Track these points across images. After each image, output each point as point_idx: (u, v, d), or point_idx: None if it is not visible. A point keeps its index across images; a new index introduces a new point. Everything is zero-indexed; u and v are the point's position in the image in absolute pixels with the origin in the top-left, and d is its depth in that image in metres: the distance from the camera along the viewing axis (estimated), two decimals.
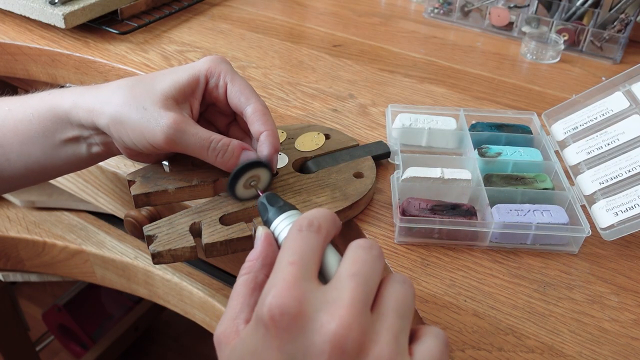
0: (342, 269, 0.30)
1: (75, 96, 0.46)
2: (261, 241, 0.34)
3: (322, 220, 0.32)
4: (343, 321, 0.27)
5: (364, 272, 0.29)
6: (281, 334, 0.28)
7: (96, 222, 0.83)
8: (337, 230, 0.33)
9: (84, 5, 0.70)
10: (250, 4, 0.87)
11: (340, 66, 0.72)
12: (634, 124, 0.51)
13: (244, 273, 0.33)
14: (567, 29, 0.78)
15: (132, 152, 0.46)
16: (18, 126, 0.47)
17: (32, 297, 1.52)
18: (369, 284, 0.29)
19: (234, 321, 0.31)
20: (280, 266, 0.30)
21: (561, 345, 0.40)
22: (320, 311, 0.28)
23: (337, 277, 0.30)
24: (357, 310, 0.28)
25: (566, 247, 0.47)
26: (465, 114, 0.59)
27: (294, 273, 0.29)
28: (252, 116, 0.45)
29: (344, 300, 0.28)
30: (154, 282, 0.76)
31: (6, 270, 0.92)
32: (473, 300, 0.43)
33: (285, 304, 0.28)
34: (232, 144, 0.44)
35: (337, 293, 0.28)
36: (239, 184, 0.42)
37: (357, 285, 0.29)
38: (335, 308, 0.28)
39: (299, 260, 0.30)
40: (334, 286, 0.29)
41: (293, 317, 0.27)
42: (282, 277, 0.29)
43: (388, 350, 0.28)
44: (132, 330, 1.27)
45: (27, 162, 0.48)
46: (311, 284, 0.29)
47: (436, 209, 0.47)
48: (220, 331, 0.31)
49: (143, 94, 0.44)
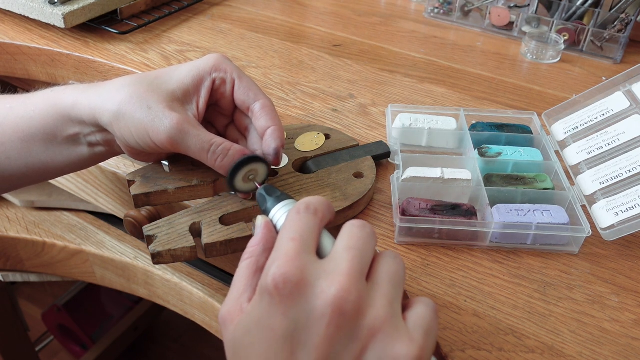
0: (339, 243, 0.32)
1: (77, 93, 0.46)
2: (262, 228, 0.36)
3: (318, 205, 0.34)
4: (342, 286, 0.29)
5: (360, 246, 0.32)
6: (285, 300, 0.30)
7: (96, 222, 0.83)
8: (332, 215, 0.35)
9: (83, 5, 0.70)
10: (250, 3, 0.87)
11: (340, 66, 0.72)
12: (635, 124, 0.51)
13: (246, 257, 0.35)
14: (567, 29, 0.78)
15: (133, 150, 0.46)
16: (19, 123, 0.47)
17: (31, 297, 1.52)
18: (364, 257, 0.32)
19: (238, 300, 0.33)
20: (282, 242, 0.32)
21: (561, 346, 0.40)
22: (321, 279, 0.30)
23: (334, 251, 0.32)
24: (355, 278, 0.30)
25: (566, 247, 0.47)
26: (466, 114, 0.59)
27: (295, 247, 0.31)
28: (259, 112, 0.46)
29: (342, 269, 0.30)
30: (154, 282, 0.76)
31: (6, 270, 0.92)
32: (473, 300, 0.42)
33: (288, 272, 0.30)
34: (233, 149, 0.44)
35: (335, 263, 0.31)
36: (237, 178, 0.43)
37: (353, 257, 0.31)
38: (334, 275, 0.30)
39: (299, 237, 0.32)
40: (332, 258, 0.31)
41: (295, 284, 0.30)
42: (284, 251, 0.31)
43: (384, 312, 0.30)
44: (132, 330, 1.27)
45: (28, 161, 0.48)
46: (311, 257, 0.31)
47: (436, 209, 0.47)
48: (225, 311, 0.33)
49: (147, 92, 0.43)
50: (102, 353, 1.21)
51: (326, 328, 0.29)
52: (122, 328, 1.25)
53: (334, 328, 0.29)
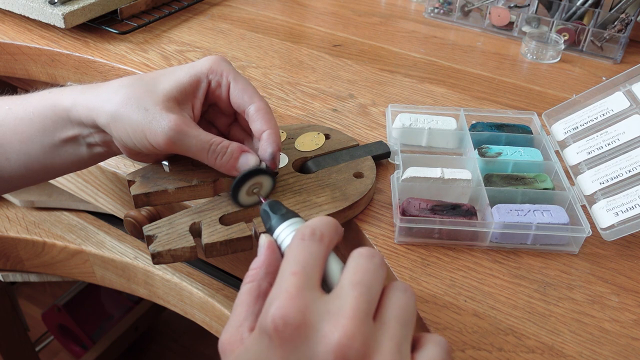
0: (345, 278, 0.30)
1: (75, 94, 0.46)
2: (264, 249, 0.34)
3: (324, 229, 0.32)
4: (346, 331, 0.27)
5: (366, 281, 0.30)
6: (285, 344, 0.28)
7: (96, 222, 0.83)
8: (339, 237, 0.33)
9: (83, 5, 0.70)
10: (250, 3, 0.87)
11: (340, 66, 0.72)
12: (635, 124, 0.51)
13: (247, 281, 0.33)
14: (567, 29, 0.78)
15: (131, 151, 0.46)
16: (18, 125, 0.47)
17: (31, 297, 1.52)
18: (372, 293, 0.29)
19: (239, 329, 0.31)
20: (283, 277, 0.30)
21: (561, 346, 0.40)
22: (323, 321, 0.28)
23: (339, 287, 0.30)
24: (360, 320, 0.28)
25: (566, 247, 0.47)
26: (466, 114, 0.59)
27: (297, 283, 0.29)
28: (254, 115, 0.45)
29: (346, 310, 0.28)
30: (154, 282, 0.76)
31: (6, 270, 0.92)
32: (473, 300, 0.42)
33: (288, 314, 0.28)
34: (232, 146, 0.44)
35: (340, 302, 0.29)
36: (241, 191, 0.42)
37: (359, 295, 0.29)
38: (338, 318, 0.28)
39: (302, 270, 0.30)
40: (337, 295, 0.29)
41: (296, 328, 0.28)
42: (285, 288, 0.29)
43: (391, 359, 0.28)
44: (132, 330, 1.27)
45: (27, 162, 0.48)
46: (314, 294, 0.29)
47: (436, 209, 0.47)
48: (225, 339, 0.32)
49: (144, 94, 0.43)
50: (102, 353, 1.21)
51: None
52: (122, 328, 1.25)
53: None
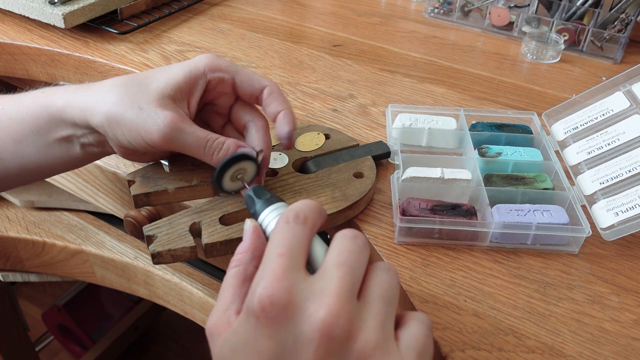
0: (329, 259, 0.31)
1: (68, 94, 0.46)
2: (250, 234, 0.35)
3: (308, 212, 0.33)
4: (331, 309, 0.28)
5: (350, 262, 0.31)
6: (271, 324, 0.29)
7: (96, 222, 0.83)
8: (323, 220, 0.34)
9: (83, 5, 0.70)
10: (250, 3, 0.87)
11: (340, 66, 0.72)
12: (635, 124, 0.51)
13: (233, 266, 0.34)
14: (567, 29, 0.78)
15: (126, 151, 0.45)
16: (11, 125, 0.47)
17: (31, 297, 1.52)
18: (355, 273, 0.30)
19: (225, 313, 0.32)
20: (269, 258, 0.31)
21: (561, 346, 0.40)
22: (309, 300, 0.29)
23: (324, 267, 0.31)
24: (344, 299, 0.29)
25: (566, 247, 0.47)
26: (466, 114, 0.59)
27: (283, 264, 0.30)
28: (268, 98, 0.46)
29: (331, 290, 0.29)
30: (154, 282, 0.76)
31: (6, 270, 0.92)
32: (473, 300, 0.42)
33: (274, 294, 0.29)
34: (228, 142, 0.44)
35: (325, 283, 0.30)
36: (225, 177, 0.43)
37: (343, 275, 0.30)
38: (323, 297, 0.29)
39: (287, 252, 0.31)
40: (322, 276, 0.30)
41: (282, 307, 0.28)
42: (271, 269, 0.30)
43: (375, 336, 0.29)
44: (132, 330, 1.27)
45: (21, 162, 0.48)
46: (299, 275, 0.30)
47: (436, 209, 0.47)
48: (212, 323, 0.32)
49: (138, 92, 0.43)
50: (102, 353, 1.21)
51: (314, 353, 0.28)
52: (122, 328, 1.25)
53: (323, 353, 0.28)
